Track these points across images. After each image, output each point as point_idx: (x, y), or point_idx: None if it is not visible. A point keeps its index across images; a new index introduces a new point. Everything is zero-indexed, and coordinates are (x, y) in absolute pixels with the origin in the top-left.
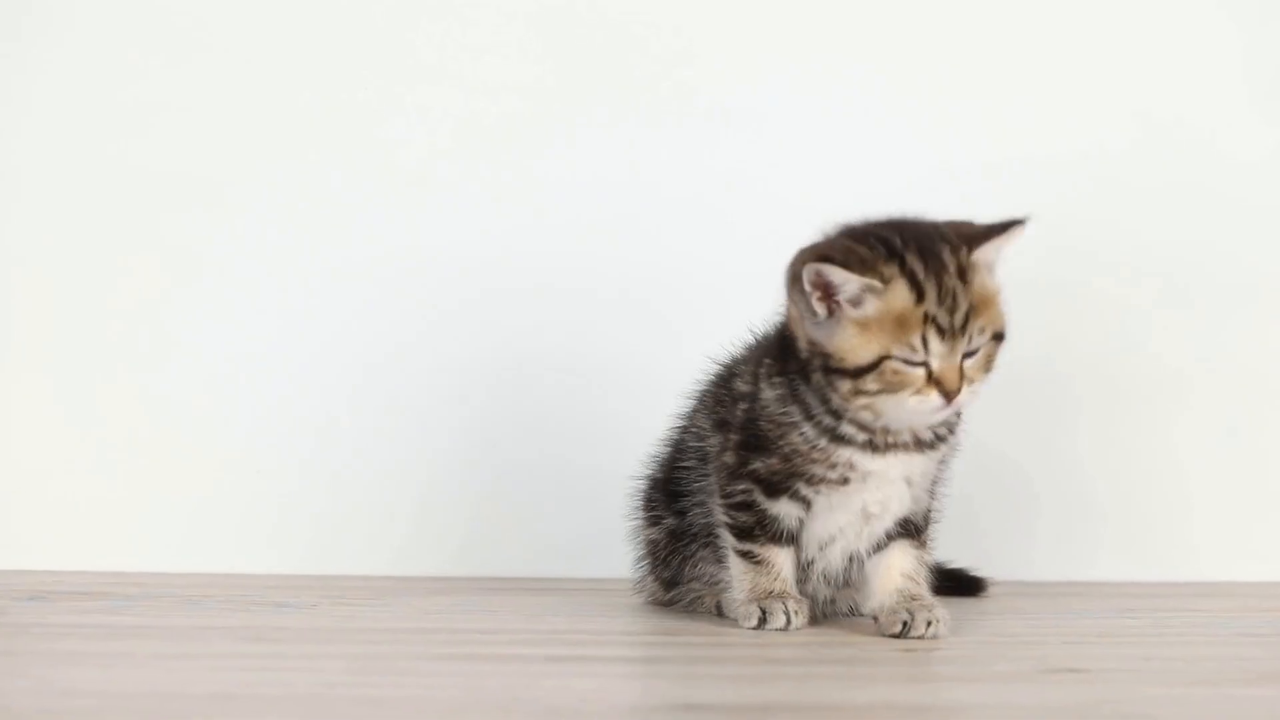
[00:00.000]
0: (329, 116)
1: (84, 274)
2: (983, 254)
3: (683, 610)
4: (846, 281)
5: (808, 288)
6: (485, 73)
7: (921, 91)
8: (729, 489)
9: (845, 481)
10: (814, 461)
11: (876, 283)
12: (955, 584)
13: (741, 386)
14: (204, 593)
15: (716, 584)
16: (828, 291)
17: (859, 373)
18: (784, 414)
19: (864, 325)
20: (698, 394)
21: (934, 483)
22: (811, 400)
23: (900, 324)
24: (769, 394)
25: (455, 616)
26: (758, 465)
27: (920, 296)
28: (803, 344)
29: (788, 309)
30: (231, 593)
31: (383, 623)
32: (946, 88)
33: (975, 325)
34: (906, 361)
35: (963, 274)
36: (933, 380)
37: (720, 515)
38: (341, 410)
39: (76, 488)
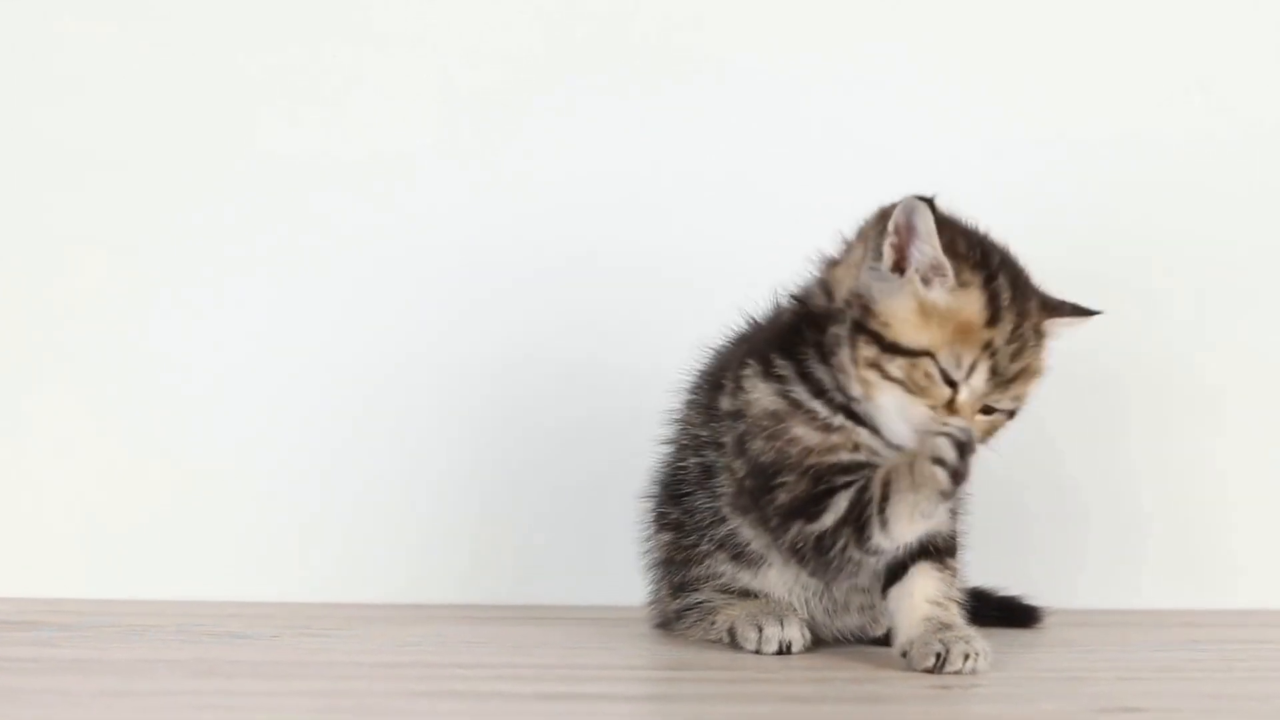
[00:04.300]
0: (291, 88)
1: (20, 268)
2: (1055, 325)
3: (692, 635)
4: (929, 240)
5: (891, 226)
6: (467, 38)
7: (948, 60)
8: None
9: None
10: (833, 449)
11: (951, 275)
12: (1006, 614)
13: (726, 404)
14: (151, 622)
15: (730, 590)
16: (903, 242)
17: (893, 349)
18: (788, 401)
19: (926, 310)
20: (691, 384)
21: None
22: (824, 375)
23: (961, 333)
24: (760, 390)
25: (434, 649)
26: (781, 494)
27: (993, 320)
28: (843, 291)
29: (843, 255)
30: (182, 622)
31: (352, 656)
32: (973, 58)
33: (1019, 389)
34: (943, 372)
35: (1039, 334)
36: (951, 407)
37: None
38: (306, 418)
39: (6, 505)
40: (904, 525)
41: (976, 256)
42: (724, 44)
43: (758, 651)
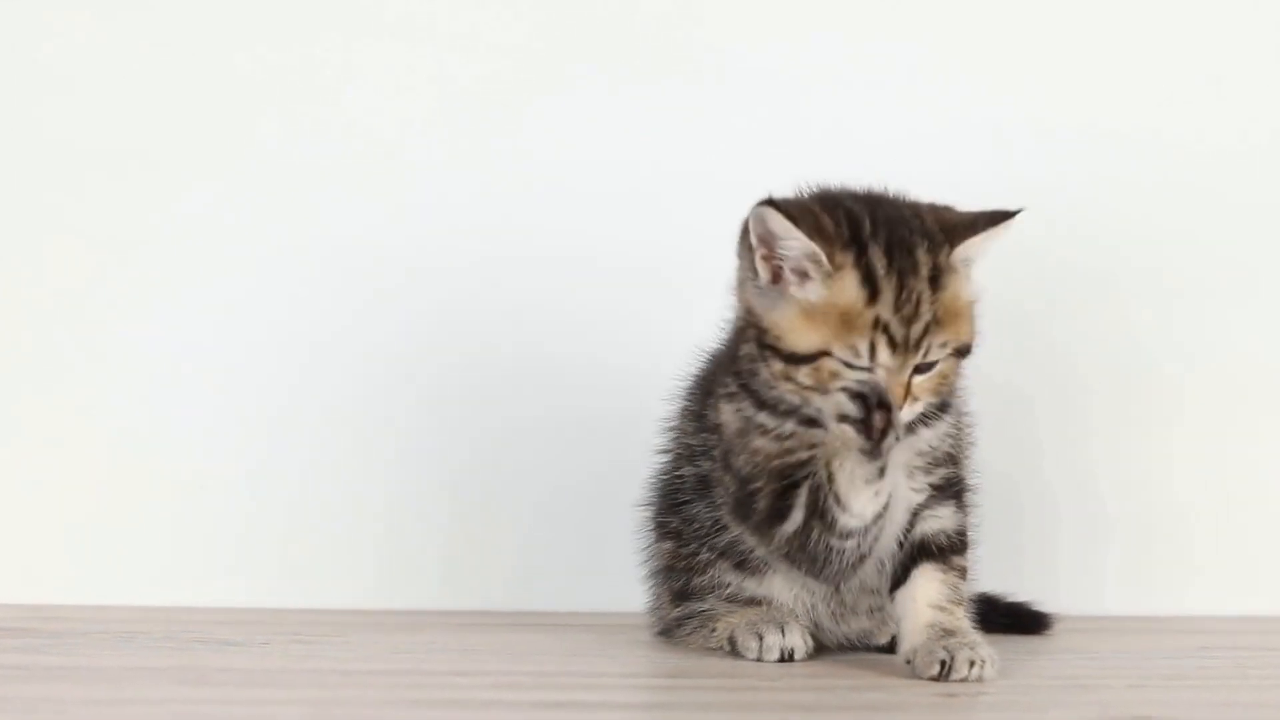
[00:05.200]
0: (280, 79)
1: (12, 269)
2: (965, 250)
3: (692, 642)
4: (790, 238)
5: (754, 241)
6: (463, 29)
7: (949, 60)
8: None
9: None
10: (790, 453)
11: (824, 259)
12: (1014, 620)
13: (712, 416)
14: (140, 629)
15: (736, 599)
16: (771, 251)
17: (794, 359)
18: (744, 419)
19: (808, 312)
20: (684, 392)
21: (954, 487)
22: (762, 390)
23: (845, 323)
24: (727, 410)
25: (428, 656)
26: (760, 500)
27: (873, 296)
28: (741, 312)
29: (735, 278)
30: (171, 629)
31: (345, 664)
32: (975, 59)
33: (935, 340)
34: (849, 365)
35: (935, 279)
36: None
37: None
38: (296, 418)
39: None
40: (857, 497)
41: (846, 232)
42: (724, 41)
43: (759, 660)
